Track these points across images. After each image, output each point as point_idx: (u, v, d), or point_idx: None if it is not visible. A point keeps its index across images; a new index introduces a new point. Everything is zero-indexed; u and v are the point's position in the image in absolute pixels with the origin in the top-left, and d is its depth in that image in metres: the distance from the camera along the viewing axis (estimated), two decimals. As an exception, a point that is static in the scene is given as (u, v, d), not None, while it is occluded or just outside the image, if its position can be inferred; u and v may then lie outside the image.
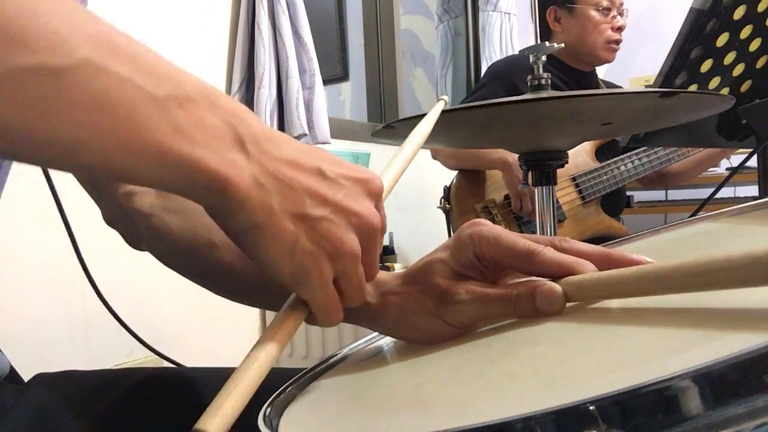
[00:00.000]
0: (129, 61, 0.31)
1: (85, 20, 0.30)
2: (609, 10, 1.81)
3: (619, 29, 1.82)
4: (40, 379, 0.61)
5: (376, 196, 0.40)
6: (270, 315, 1.54)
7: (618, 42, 1.83)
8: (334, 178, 0.38)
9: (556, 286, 0.39)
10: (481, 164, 1.78)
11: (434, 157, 1.89)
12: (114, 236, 0.63)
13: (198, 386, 0.61)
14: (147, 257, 0.64)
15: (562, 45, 1.04)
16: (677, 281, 0.33)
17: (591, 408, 0.22)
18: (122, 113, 0.30)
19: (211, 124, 0.33)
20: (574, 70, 1.86)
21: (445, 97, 0.60)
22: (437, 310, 0.43)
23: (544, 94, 0.84)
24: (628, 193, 2.19)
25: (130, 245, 0.65)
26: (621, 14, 1.83)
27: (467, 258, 0.43)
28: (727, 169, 2.33)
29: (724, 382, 0.21)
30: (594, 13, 1.80)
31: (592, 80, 1.90)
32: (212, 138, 0.33)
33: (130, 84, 0.30)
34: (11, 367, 0.61)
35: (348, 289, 0.40)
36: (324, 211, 0.37)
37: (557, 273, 0.40)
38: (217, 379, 0.34)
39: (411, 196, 2.51)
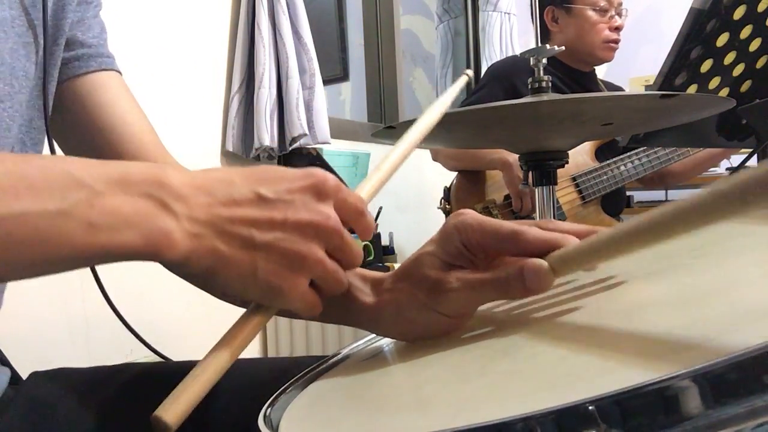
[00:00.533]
0: (23, 194, 0.33)
1: None
2: (606, 10, 1.81)
3: (617, 29, 1.81)
4: (36, 376, 0.61)
5: (326, 193, 0.40)
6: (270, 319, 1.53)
7: (616, 42, 1.82)
8: (277, 198, 0.39)
9: (542, 261, 0.40)
10: (481, 164, 1.78)
11: (434, 158, 1.90)
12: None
13: None
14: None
15: (563, 47, 1.04)
16: (656, 229, 0.32)
17: (590, 408, 0.22)
18: (31, 242, 0.33)
19: (125, 206, 0.35)
20: (574, 71, 1.86)
21: (469, 72, 0.60)
22: (431, 301, 0.43)
23: (545, 98, 0.84)
24: (628, 193, 2.19)
25: None
26: (620, 14, 1.83)
27: (455, 247, 0.43)
28: (727, 169, 2.33)
29: (724, 382, 0.21)
30: (591, 13, 1.80)
31: (591, 80, 1.90)
32: (131, 217, 0.35)
33: (30, 215, 0.33)
34: (11, 372, 0.61)
35: (325, 286, 0.41)
36: (274, 234, 0.38)
37: (543, 249, 0.41)
38: None
39: (411, 196, 2.51)
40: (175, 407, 0.35)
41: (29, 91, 0.56)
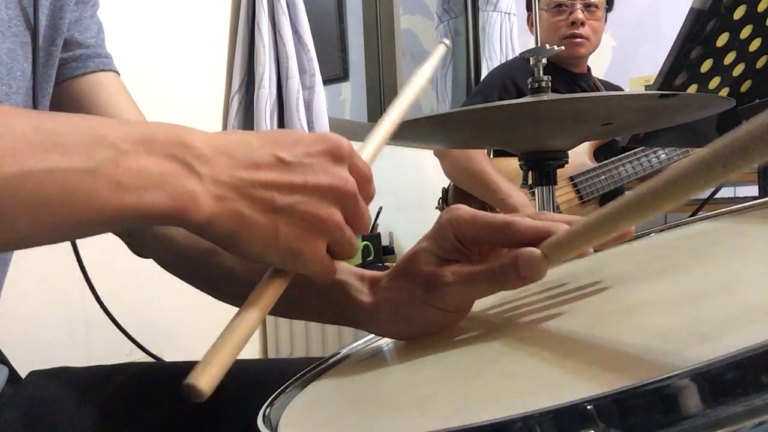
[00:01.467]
0: (52, 150, 0.32)
1: None
2: (559, 6, 1.80)
3: (574, 23, 1.79)
4: (35, 375, 0.61)
5: (343, 157, 0.40)
6: (269, 319, 1.52)
7: (575, 36, 1.79)
8: (297, 161, 0.38)
9: (535, 250, 0.40)
10: (487, 197, 1.69)
11: (441, 160, 1.83)
12: (114, 239, 0.63)
13: None
14: (147, 260, 0.64)
15: (562, 48, 1.04)
16: (641, 205, 0.32)
17: (589, 407, 0.22)
18: (59, 200, 0.32)
19: (152, 166, 0.34)
20: (563, 71, 1.85)
21: (446, 41, 0.59)
22: (427, 297, 0.43)
23: (545, 98, 0.84)
24: (628, 193, 2.18)
25: (134, 253, 0.65)
26: (588, 6, 1.80)
27: (449, 242, 0.43)
28: (727, 169, 2.32)
29: (723, 381, 0.21)
30: (545, 14, 1.81)
31: (582, 80, 1.89)
32: (157, 178, 0.34)
33: (58, 172, 0.32)
34: (9, 371, 0.61)
35: (341, 251, 0.41)
36: (294, 198, 0.38)
37: (535, 238, 0.41)
38: None
39: (411, 196, 2.51)
40: (207, 373, 0.34)
41: (26, 91, 0.56)
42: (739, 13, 0.98)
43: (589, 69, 1.95)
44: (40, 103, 0.58)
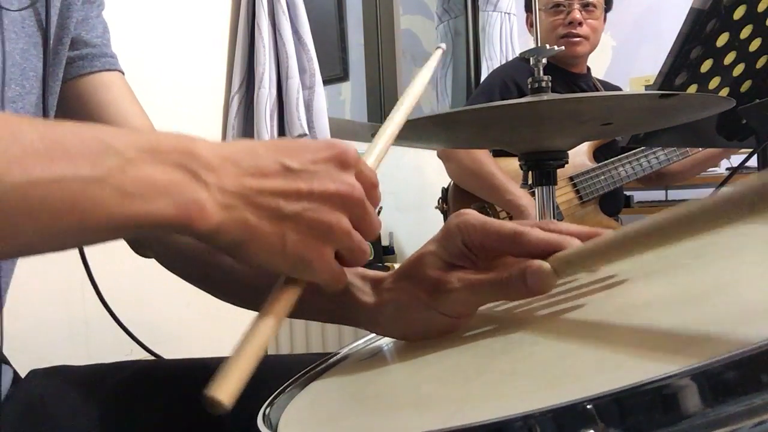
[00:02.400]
0: (58, 158, 0.32)
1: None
2: (556, 6, 1.80)
3: (571, 23, 1.79)
4: (35, 374, 0.61)
5: (350, 163, 0.40)
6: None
7: (571, 35, 1.80)
8: (302, 169, 0.38)
9: (545, 263, 0.40)
10: (492, 197, 1.71)
11: (445, 161, 1.82)
12: (115, 238, 0.63)
13: (191, 377, 0.61)
14: (147, 259, 0.64)
15: (563, 48, 1.04)
16: (658, 234, 0.32)
17: (589, 407, 0.22)
18: (66, 209, 0.32)
19: (158, 175, 0.34)
20: (563, 71, 1.85)
21: (443, 45, 0.60)
22: (431, 301, 0.43)
23: (545, 98, 0.84)
24: (628, 192, 2.19)
25: (136, 252, 0.65)
26: (586, 6, 1.80)
27: (456, 247, 0.43)
28: (727, 169, 2.33)
29: (723, 381, 0.21)
30: (542, 14, 1.81)
31: (582, 80, 1.89)
32: (164, 187, 0.34)
33: (65, 181, 0.32)
34: (13, 374, 0.61)
35: (350, 257, 0.41)
36: (301, 205, 0.38)
37: (545, 251, 0.41)
38: (211, 369, 0.35)
39: (411, 196, 2.51)
40: (227, 384, 0.34)
41: (38, 91, 0.57)
42: (739, 13, 0.98)
43: (588, 69, 1.95)
44: (49, 102, 0.58)
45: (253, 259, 0.38)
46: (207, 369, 0.38)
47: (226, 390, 0.34)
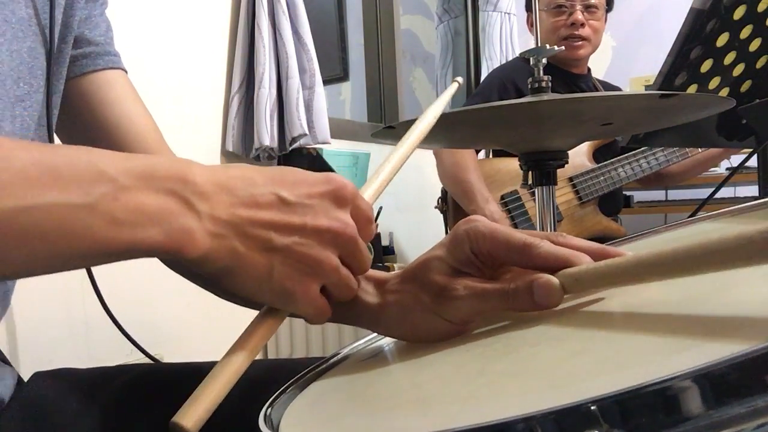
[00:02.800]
0: (50, 185, 0.32)
1: None
2: (559, 7, 1.80)
3: (573, 24, 1.79)
4: (38, 376, 0.61)
5: (346, 200, 0.40)
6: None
7: (574, 37, 1.79)
8: (298, 202, 0.39)
9: (553, 279, 0.39)
10: (462, 205, 1.76)
11: (436, 162, 1.85)
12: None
13: (194, 380, 0.61)
14: (147, 260, 0.64)
15: (563, 48, 1.04)
16: (673, 266, 0.32)
17: (592, 408, 0.22)
18: (55, 235, 0.32)
19: (150, 202, 0.35)
20: (563, 72, 1.85)
21: (459, 79, 0.60)
22: (436, 306, 0.43)
23: (545, 98, 0.84)
24: (628, 193, 2.19)
25: None
26: (588, 7, 1.80)
27: (464, 254, 0.43)
28: (727, 169, 2.33)
29: (725, 382, 0.21)
30: (544, 15, 1.80)
31: (582, 81, 1.89)
32: (154, 214, 0.35)
33: (56, 207, 0.32)
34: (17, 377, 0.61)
35: (336, 293, 0.42)
36: (292, 239, 0.38)
37: (554, 265, 0.40)
38: None
39: (411, 196, 2.51)
40: (193, 411, 0.35)
41: (44, 89, 0.57)
42: (739, 13, 0.98)
43: (589, 70, 1.95)
44: (53, 101, 0.58)
45: (239, 287, 0.39)
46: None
47: (191, 417, 0.35)
